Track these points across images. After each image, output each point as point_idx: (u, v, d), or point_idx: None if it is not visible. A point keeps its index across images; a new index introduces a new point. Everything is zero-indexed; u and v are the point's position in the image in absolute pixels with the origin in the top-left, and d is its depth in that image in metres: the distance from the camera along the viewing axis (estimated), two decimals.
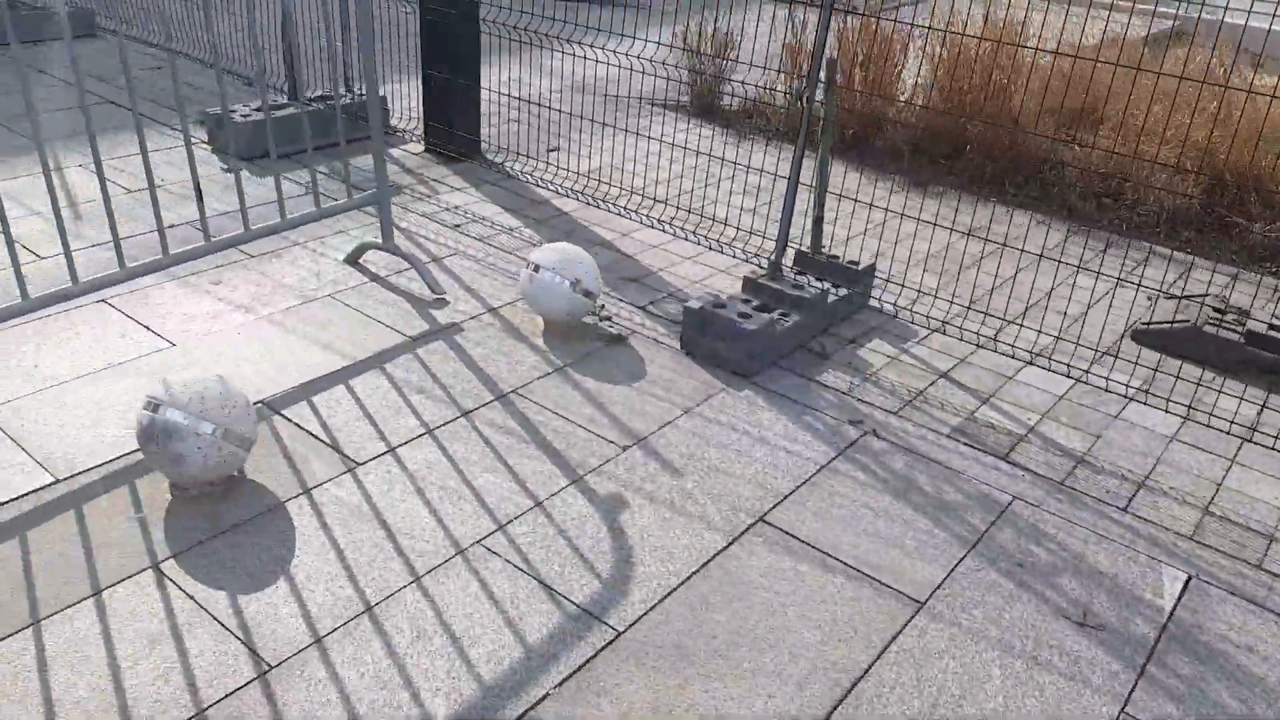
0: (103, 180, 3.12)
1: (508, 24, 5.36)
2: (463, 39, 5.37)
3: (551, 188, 5.32)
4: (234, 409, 2.65)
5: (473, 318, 3.86)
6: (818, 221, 4.15)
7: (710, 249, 4.73)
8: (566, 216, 4.99)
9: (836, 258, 4.18)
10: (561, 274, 3.68)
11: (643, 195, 5.30)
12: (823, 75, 3.81)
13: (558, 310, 3.74)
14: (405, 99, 6.41)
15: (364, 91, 4.29)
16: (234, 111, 5.30)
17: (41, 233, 4.22)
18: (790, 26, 6.49)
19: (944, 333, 4.10)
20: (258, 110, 5.32)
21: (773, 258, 3.99)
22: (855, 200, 5.25)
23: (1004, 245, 4.97)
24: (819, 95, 3.80)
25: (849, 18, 6.53)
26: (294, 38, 5.17)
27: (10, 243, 2.96)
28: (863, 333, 4.03)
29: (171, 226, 4.34)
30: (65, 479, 2.73)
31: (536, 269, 3.73)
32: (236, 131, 5.17)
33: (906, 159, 6.14)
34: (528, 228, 4.78)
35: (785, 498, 2.94)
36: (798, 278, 3.98)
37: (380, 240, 4.11)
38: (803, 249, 4.25)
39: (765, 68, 6.39)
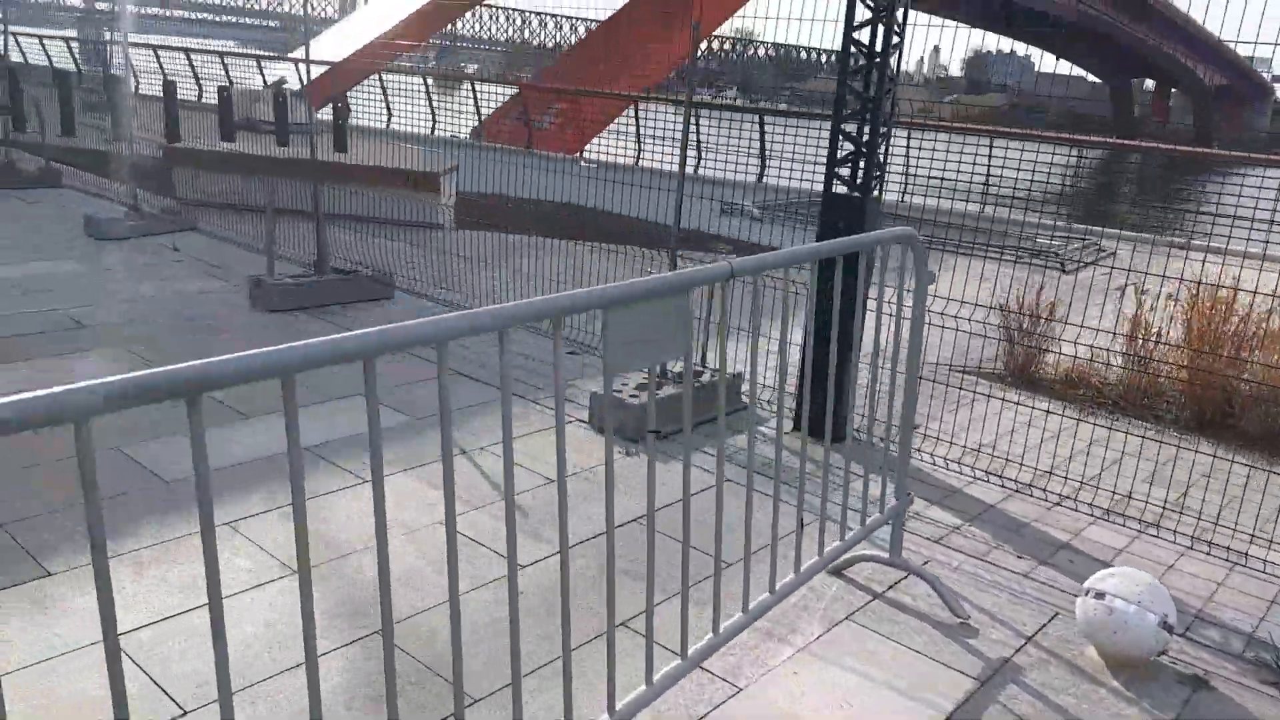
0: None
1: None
2: (850, 311, 5.19)
3: (961, 473, 4.94)
4: None
5: (1017, 650, 3.38)
6: None
7: (1189, 550, 4.23)
8: (994, 510, 4.57)
9: None
10: (1148, 608, 3.22)
11: (1050, 475, 4.90)
12: None
13: (1136, 649, 3.25)
14: (752, 367, 6.24)
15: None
16: (619, 391, 5.13)
17: (489, 529, 3.94)
18: (1136, 294, 6.28)
19: None
20: (638, 388, 5.15)
21: None
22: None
23: None
24: None
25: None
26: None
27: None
28: None
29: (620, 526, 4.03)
30: None
31: (1100, 596, 3.29)
32: (623, 411, 4.97)
33: None
34: (972, 525, 4.37)
35: None
36: None
37: (886, 554, 3.73)
38: None
39: (1093, 344, 6.13)
